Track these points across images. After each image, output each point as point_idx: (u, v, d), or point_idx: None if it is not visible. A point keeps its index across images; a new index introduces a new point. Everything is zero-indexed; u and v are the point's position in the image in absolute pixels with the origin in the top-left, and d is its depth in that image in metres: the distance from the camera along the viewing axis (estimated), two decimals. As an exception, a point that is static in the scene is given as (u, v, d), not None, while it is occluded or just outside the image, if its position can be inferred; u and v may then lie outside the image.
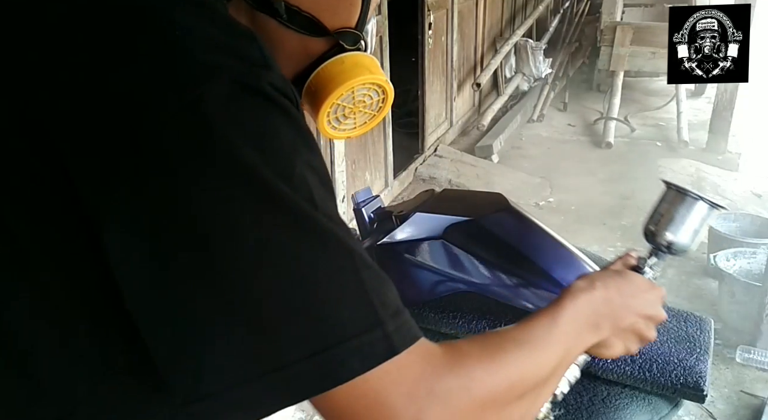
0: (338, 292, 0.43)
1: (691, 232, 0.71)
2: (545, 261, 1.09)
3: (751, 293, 2.57)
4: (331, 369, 0.42)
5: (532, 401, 0.54)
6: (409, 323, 0.46)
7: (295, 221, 0.43)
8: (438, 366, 0.46)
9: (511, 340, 0.54)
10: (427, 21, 4.00)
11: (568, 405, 0.97)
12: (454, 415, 0.45)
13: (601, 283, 0.66)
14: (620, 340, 0.66)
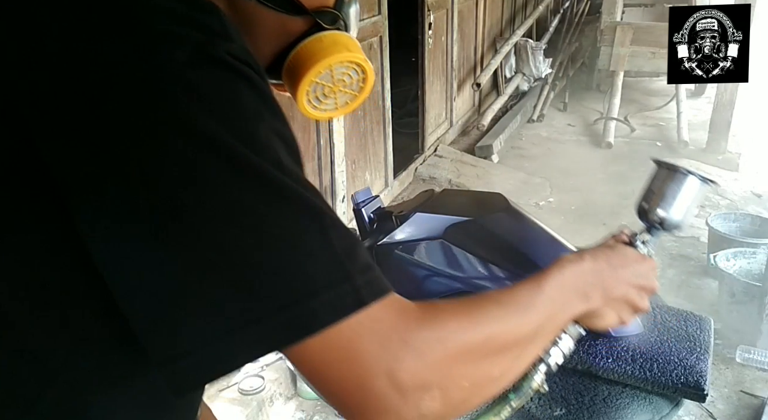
0: (305, 249, 0.44)
1: (683, 207, 0.72)
2: (545, 261, 1.08)
3: (751, 293, 2.57)
4: (301, 321, 0.43)
5: (512, 360, 0.54)
6: (379, 279, 0.47)
7: (260, 183, 0.44)
8: (412, 318, 0.47)
9: (490, 300, 0.55)
10: (427, 21, 4.00)
11: (569, 405, 0.97)
12: (428, 366, 0.46)
13: (591, 255, 0.66)
14: (613, 311, 0.67)
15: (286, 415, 2.25)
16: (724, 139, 4.84)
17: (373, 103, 3.39)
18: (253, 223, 0.43)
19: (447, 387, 0.47)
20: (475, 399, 0.52)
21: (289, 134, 0.49)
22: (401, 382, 0.45)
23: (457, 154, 4.55)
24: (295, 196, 0.45)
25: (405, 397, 0.45)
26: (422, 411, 0.46)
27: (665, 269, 3.22)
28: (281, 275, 0.43)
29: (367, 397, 0.45)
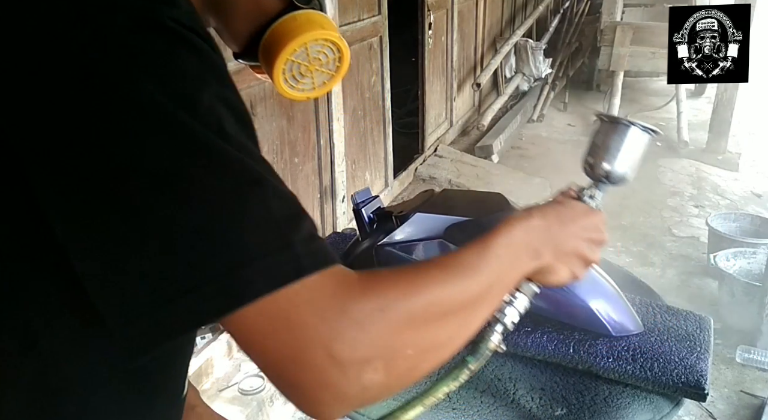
0: (242, 216, 0.43)
1: (627, 159, 0.71)
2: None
3: (751, 293, 2.57)
4: (237, 289, 0.42)
5: (460, 324, 0.53)
6: (323, 249, 0.46)
7: (197, 149, 0.43)
8: (352, 289, 0.45)
9: (434, 265, 0.53)
10: (427, 21, 4.00)
11: (570, 404, 0.97)
12: (369, 337, 0.45)
13: (539, 211, 0.65)
14: (564, 265, 0.65)
15: (286, 415, 2.25)
16: (724, 139, 4.84)
17: (373, 103, 3.39)
18: (188, 190, 0.42)
19: (390, 357, 0.46)
20: (423, 367, 0.50)
21: (237, 103, 0.48)
22: (340, 355, 0.43)
23: (457, 154, 4.55)
24: (234, 163, 0.44)
25: (344, 371, 0.44)
26: (364, 384, 0.45)
27: (665, 269, 3.22)
28: (216, 243, 0.42)
29: (304, 370, 0.43)
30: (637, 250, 3.41)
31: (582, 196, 0.72)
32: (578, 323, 1.05)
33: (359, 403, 0.47)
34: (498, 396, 0.99)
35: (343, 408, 0.46)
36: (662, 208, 3.92)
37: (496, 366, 1.06)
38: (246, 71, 0.74)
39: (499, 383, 1.02)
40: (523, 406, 0.97)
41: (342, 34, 2.07)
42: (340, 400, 0.45)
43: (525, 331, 1.06)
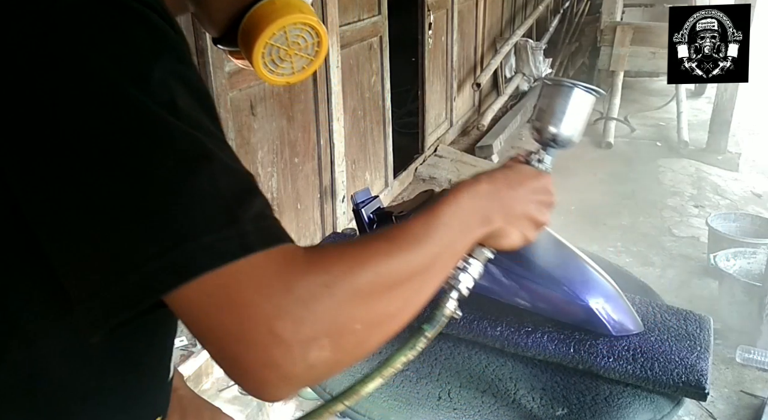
0: (188, 192, 0.43)
1: (572, 121, 0.71)
2: (545, 261, 1.09)
3: (751, 293, 2.57)
4: (180, 265, 0.42)
5: (410, 294, 0.52)
6: (272, 227, 0.46)
7: (145, 124, 0.43)
8: (297, 266, 0.45)
9: (380, 237, 0.53)
10: (427, 21, 4.01)
11: (571, 404, 0.97)
12: (314, 315, 0.44)
13: (487, 177, 0.64)
14: (515, 229, 0.65)
15: (286, 415, 2.25)
16: (724, 139, 4.84)
17: (373, 103, 3.39)
18: (133, 164, 0.42)
19: (337, 334, 0.45)
20: (372, 340, 0.49)
21: (195, 81, 0.48)
22: (283, 333, 0.42)
23: (457, 154, 4.55)
24: (183, 139, 0.44)
25: (289, 350, 0.43)
26: (311, 362, 0.44)
27: (665, 269, 3.22)
28: (160, 218, 0.42)
29: (247, 349, 0.43)
30: (637, 250, 3.41)
31: (530, 161, 0.72)
32: (579, 323, 1.05)
33: (306, 381, 0.46)
34: (499, 396, 0.99)
35: (288, 387, 0.45)
36: (662, 208, 3.92)
37: (497, 366, 1.06)
38: (246, 71, 0.74)
39: (500, 383, 1.02)
40: (524, 406, 0.97)
41: (342, 34, 2.07)
42: (285, 379, 0.44)
43: (526, 331, 1.06)
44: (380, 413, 0.96)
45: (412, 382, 1.02)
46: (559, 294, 1.04)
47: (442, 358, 1.08)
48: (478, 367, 1.06)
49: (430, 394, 1.00)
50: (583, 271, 1.08)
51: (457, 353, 1.09)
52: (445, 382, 1.02)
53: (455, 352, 1.09)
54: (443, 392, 1.00)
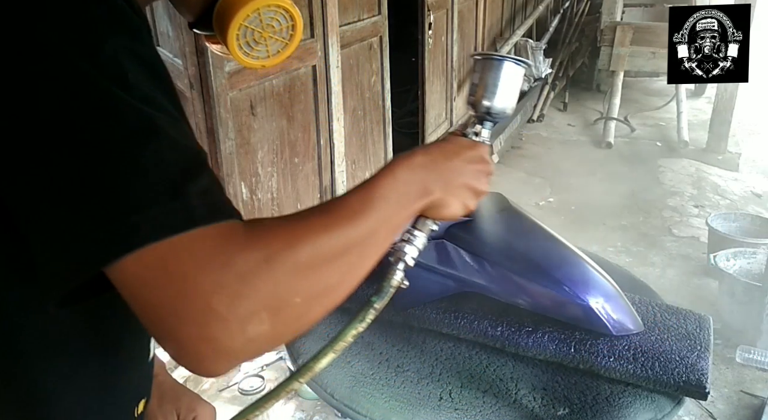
0: (133, 165, 0.43)
1: (504, 94, 0.72)
2: (546, 260, 1.09)
3: (751, 293, 2.57)
4: (122, 237, 0.42)
5: (349, 266, 0.52)
6: (216, 203, 0.46)
7: (93, 97, 0.44)
8: (237, 241, 0.45)
9: (318, 211, 0.53)
10: (427, 21, 4.00)
11: (572, 404, 0.97)
12: (253, 289, 0.44)
13: (422, 150, 0.65)
14: (455, 198, 0.66)
15: (286, 415, 2.25)
16: (724, 139, 4.84)
17: (373, 103, 3.39)
18: (79, 136, 0.43)
19: (277, 308, 0.46)
20: (312, 313, 0.50)
21: (152, 58, 0.49)
22: (221, 308, 0.43)
23: (457, 154, 4.54)
24: (130, 113, 0.44)
25: (226, 325, 0.43)
26: (249, 336, 0.44)
27: (665, 269, 3.22)
28: (104, 190, 0.43)
29: (184, 324, 0.43)
30: (637, 250, 3.41)
31: (467, 134, 0.73)
32: (579, 323, 1.05)
33: (245, 355, 0.46)
34: (500, 396, 0.99)
35: (227, 362, 0.45)
36: (662, 208, 3.92)
37: (498, 366, 1.06)
38: (247, 71, 0.75)
39: (501, 383, 1.02)
40: (525, 406, 0.97)
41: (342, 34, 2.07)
42: (223, 354, 0.44)
43: (526, 331, 1.06)
44: (381, 414, 0.96)
45: (413, 383, 1.02)
46: (559, 293, 1.05)
47: (442, 358, 1.08)
48: (479, 367, 1.06)
49: (432, 394, 1.00)
50: (583, 270, 1.08)
51: (458, 353, 1.09)
52: (446, 383, 1.02)
53: (456, 353, 1.09)
54: (444, 392, 1.00)
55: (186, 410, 0.84)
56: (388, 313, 1.14)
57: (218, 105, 2.07)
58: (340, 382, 1.02)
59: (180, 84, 2.26)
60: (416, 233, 0.68)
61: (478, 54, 0.75)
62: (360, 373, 1.04)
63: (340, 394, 1.00)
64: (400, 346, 1.11)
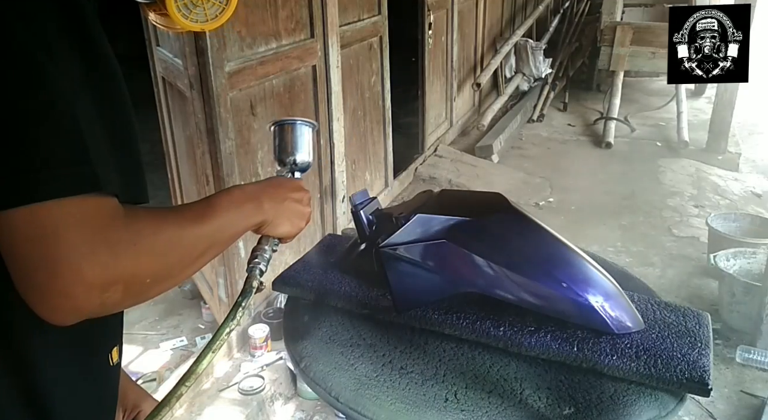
0: (45, 130, 0.49)
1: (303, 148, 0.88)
2: (546, 260, 1.09)
3: (751, 293, 2.57)
4: (21, 188, 0.48)
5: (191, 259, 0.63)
6: (109, 177, 0.53)
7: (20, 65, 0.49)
8: (117, 221, 0.53)
9: (176, 212, 0.64)
10: (427, 21, 4.01)
11: (577, 403, 0.97)
12: (119, 265, 0.52)
13: (250, 183, 0.78)
14: (285, 219, 0.78)
15: (286, 415, 2.25)
16: (724, 139, 4.84)
17: (373, 103, 3.39)
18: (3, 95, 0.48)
19: (131, 283, 0.55)
20: (154, 290, 0.59)
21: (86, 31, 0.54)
22: (88, 275, 0.50)
23: (457, 154, 4.55)
24: (53, 82, 0.50)
25: (89, 289, 0.51)
26: (103, 301, 0.53)
27: (665, 269, 3.22)
28: (13, 145, 0.48)
29: (51, 279, 0.50)
30: (637, 250, 3.41)
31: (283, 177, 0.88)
32: (580, 321, 1.05)
33: (92, 315, 0.54)
34: (506, 396, 0.99)
35: (75, 318, 0.53)
36: (662, 208, 3.92)
37: (501, 366, 1.06)
38: (247, 71, 0.76)
39: (505, 383, 1.02)
40: (531, 406, 0.97)
41: (342, 34, 2.07)
42: (76, 310, 0.52)
43: (529, 331, 1.06)
44: (388, 416, 0.96)
45: (417, 385, 1.02)
46: (560, 293, 1.05)
47: (446, 359, 1.08)
48: (482, 368, 1.06)
49: (437, 395, 1.00)
50: (584, 269, 1.08)
51: (461, 354, 1.09)
52: (451, 384, 1.02)
53: (459, 353, 1.09)
54: (449, 394, 1.00)
55: (131, 406, 0.87)
56: (389, 314, 1.15)
57: (218, 105, 2.07)
58: (345, 385, 1.02)
59: (180, 84, 2.26)
60: (265, 248, 0.81)
61: (277, 121, 0.89)
62: (364, 376, 1.04)
63: (345, 397, 1.00)
64: (402, 347, 1.11)
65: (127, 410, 0.86)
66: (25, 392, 0.59)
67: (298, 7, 2.46)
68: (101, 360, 0.69)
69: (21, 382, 0.59)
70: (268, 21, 2.28)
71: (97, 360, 0.68)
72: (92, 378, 0.68)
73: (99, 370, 0.69)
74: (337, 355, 1.09)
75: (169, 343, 2.45)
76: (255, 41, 2.22)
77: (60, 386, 0.62)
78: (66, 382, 0.63)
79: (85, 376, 0.66)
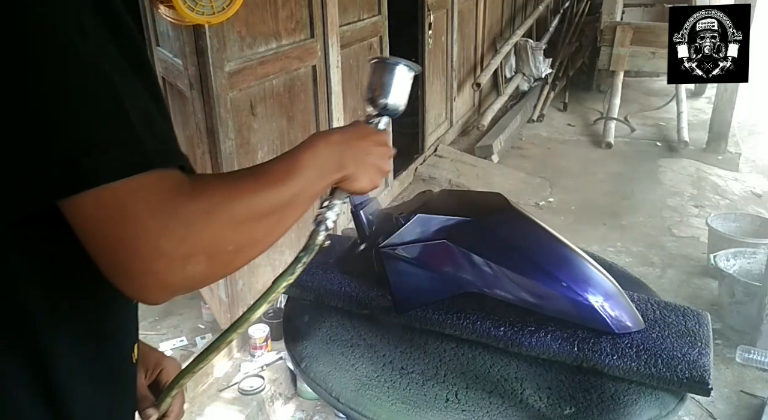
0: (93, 109, 0.48)
1: (397, 93, 0.83)
2: (546, 260, 1.09)
3: (751, 293, 2.58)
4: (80, 175, 0.47)
5: (273, 224, 0.60)
6: (172, 153, 0.53)
7: (58, 49, 0.48)
8: (184, 192, 0.52)
9: (250, 174, 0.61)
10: (427, 21, 4.01)
11: (578, 403, 0.97)
12: (194, 235, 0.51)
13: (338, 130, 0.74)
14: (365, 174, 0.74)
15: (286, 415, 2.25)
16: (724, 139, 4.84)
17: (373, 103, 3.39)
18: (49, 82, 0.47)
19: (212, 253, 0.53)
20: (240, 260, 0.58)
21: (114, 7, 0.53)
22: (166, 247, 0.49)
23: (457, 154, 4.55)
24: (90, 62, 0.49)
25: (169, 262, 0.50)
26: (187, 274, 0.52)
27: (665, 269, 3.22)
28: (67, 131, 0.47)
29: (132, 258, 0.49)
30: (637, 250, 3.41)
31: (371, 123, 0.83)
32: (581, 321, 1.05)
33: (183, 289, 0.53)
34: (506, 396, 0.99)
35: (166, 293, 0.53)
36: (662, 208, 3.92)
37: (502, 366, 1.06)
38: (247, 71, 0.75)
39: (506, 383, 1.02)
40: (532, 406, 0.97)
41: (342, 34, 2.08)
42: (164, 286, 0.52)
43: (529, 331, 1.06)
44: (388, 416, 0.96)
45: (418, 385, 1.02)
46: (560, 292, 1.05)
47: (446, 359, 1.08)
48: (483, 368, 1.06)
49: (438, 396, 1.00)
50: (584, 269, 1.08)
51: (461, 354, 1.09)
52: (452, 384, 1.02)
53: (459, 353, 1.09)
54: (450, 394, 1.00)
55: (153, 366, 0.87)
56: (389, 315, 1.15)
57: (218, 105, 2.07)
58: (345, 385, 1.02)
59: (180, 84, 2.26)
60: (334, 202, 0.78)
61: (375, 58, 0.84)
62: (365, 376, 1.04)
63: (345, 397, 1.00)
64: (402, 348, 1.11)
65: (149, 370, 0.86)
66: (46, 392, 0.58)
67: (298, 7, 2.46)
68: (125, 357, 0.68)
69: (41, 383, 0.58)
70: (268, 21, 2.28)
71: (120, 358, 0.67)
72: (116, 376, 0.67)
73: (121, 367, 0.68)
74: (338, 356, 1.09)
75: (169, 343, 2.45)
76: (255, 41, 2.22)
77: (81, 385, 0.61)
78: (88, 381, 0.62)
79: (109, 374, 0.65)
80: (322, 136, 0.70)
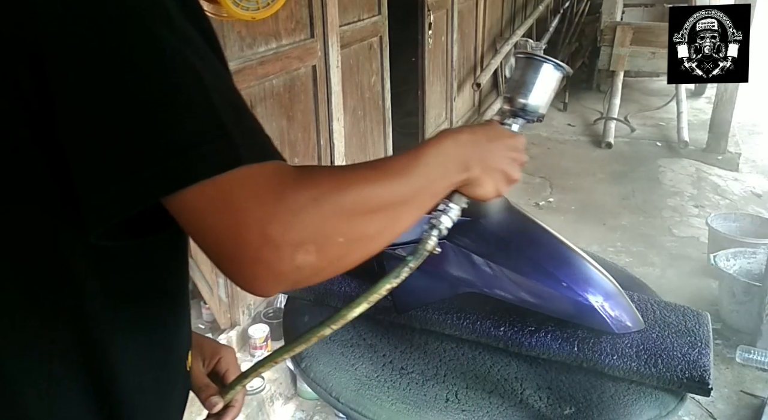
0: (184, 106, 0.47)
1: (540, 93, 0.75)
2: (547, 260, 1.09)
3: (751, 293, 2.58)
4: (179, 171, 0.46)
5: (388, 220, 0.56)
6: (264, 144, 0.51)
7: (144, 42, 0.47)
8: (288, 179, 0.50)
9: (366, 165, 0.58)
10: (427, 21, 4.00)
11: (578, 403, 0.97)
12: (302, 222, 0.49)
13: (469, 129, 0.68)
14: (490, 180, 0.68)
15: (286, 415, 2.25)
16: (724, 139, 4.84)
17: (373, 103, 3.39)
18: (134, 79, 0.46)
19: (322, 242, 0.50)
20: (352, 255, 0.54)
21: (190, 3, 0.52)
22: (274, 235, 0.48)
23: (457, 154, 4.54)
24: (179, 56, 0.48)
25: (278, 250, 0.48)
26: (297, 263, 0.49)
27: (665, 269, 3.22)
28: (161, 128, 0.46)
29: (241, 247, 0.48)
30: (637, 250, 3.41)
31: (506, 124, 0.76)
32: (581, 321, 1.05)
33: (294, 280, 0.51)
34: (506, 396, 0.99)
35: (276, 284, 0.50)
36: (662, 208, 3.92)
37: (502, 366, 1.06)
38: (247, 71, 0.75)
39: (506, 383, 1.02)
40: (532, 406, 0.97)
41: (342, 34, 2.08)
42: (275, 275, 0.49)
43: (529, 331, 1.06)
44: (388, 416, 0.96)
45: (418, 385, 1.02)
46: (561, 292, 1.05)
47: (446, 359, 1.08)
48: (483, 368, 1.06)
49: (438, 396, 1.00)
50: (584, 269, 1.08)
51: (461, 354, 1.09)
52: (452, 384, 1.02)
53: (459, 353, 1.09)
54: (450, 394, 1.00)
55: (210, 355, 0.85)
56: (389, 315, 1.15)
57: (219, 105, 2.07)
58: (345, 385, 1.02)
59: (180, 84, 2.25)
60: (451, 205, 0.71)
61: (522, 52, 0.76)
62: (365, 376, 1.04)
63: (345, 397, 1.00)
64: (402, 347, 1.11)
65: (206, 359, 0.85)
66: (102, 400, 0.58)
67: (298, 7, 2.46)
68: (180, 367, 0.68)
69: (99, 390, 0.58)
70: (268, 21, 2.28)
71: (177, 368, 0.67)
72: (171, 386, 0.66)
73: (177, 377, 0.67)
74: (338, 356, 1.09)
75: (169, 343, 2.45)
76: (255, 41, 2.22)
77: (139, 394, 0.60)
78: (146, 392, 0.62)
79: (166, 384, 0.65)
80: (451, 133, 0.65)
